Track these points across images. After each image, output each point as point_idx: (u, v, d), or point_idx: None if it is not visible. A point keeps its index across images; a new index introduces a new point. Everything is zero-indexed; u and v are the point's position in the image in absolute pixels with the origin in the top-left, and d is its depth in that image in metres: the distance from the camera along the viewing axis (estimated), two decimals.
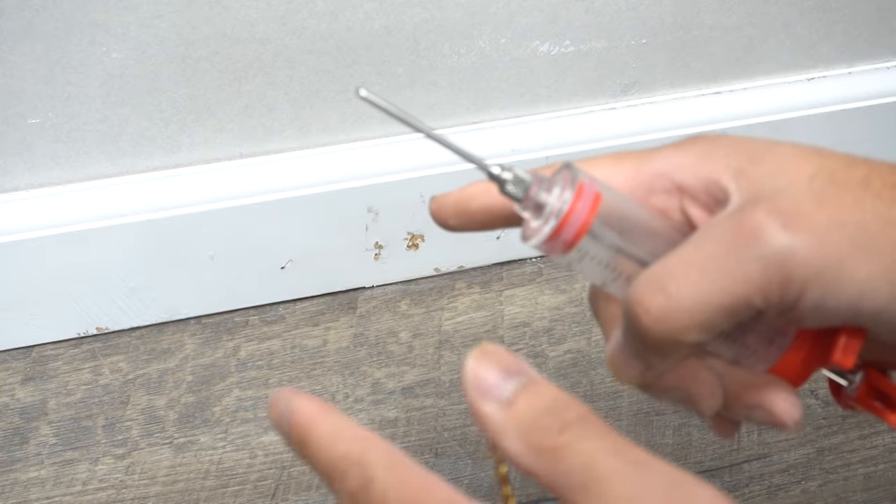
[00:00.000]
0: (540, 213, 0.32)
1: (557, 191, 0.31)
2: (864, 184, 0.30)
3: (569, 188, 0.31)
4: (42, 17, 0.52)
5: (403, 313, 0.65)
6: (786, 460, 0.55)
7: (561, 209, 0.31)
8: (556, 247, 0.31)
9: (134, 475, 0.56)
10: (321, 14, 0.55)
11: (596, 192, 0.31)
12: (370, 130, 0.61)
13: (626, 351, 0.31)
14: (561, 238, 0.31)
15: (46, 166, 0.58)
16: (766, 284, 0.29)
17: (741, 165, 0.31)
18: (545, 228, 0.31)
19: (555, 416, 0.26)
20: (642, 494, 0.24)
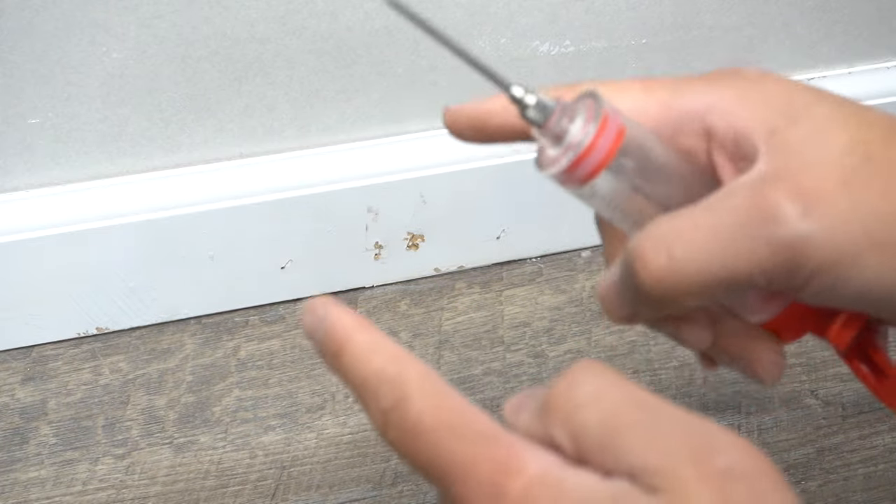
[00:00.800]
0: (559, 142, 0.30)
1: (580, 121, 0.30)
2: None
3: (592, 120, 0.30)
4: (42, 16, 0.52)
5: (403, 313, 0.65)
6: (785, 460, 0.55)
7: (582, 142, 0.30)
8: (571, 179, 0.30)
9: (134, 475, 0.56)
10: (321, 14, 0.55)
11: (619, 127, 0.30)
12: (370, 130, 0.61)
13: (619, 293, 0.31)
14: (578, 172, 0.30)
15: (46, 166, 0.58)
16: (773, 267, 0.28)
17: (775, 123, 0.29)
18: (563, 160, 0.30)
19: None
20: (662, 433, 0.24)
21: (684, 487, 0.23)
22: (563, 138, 0.30)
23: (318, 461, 0.56)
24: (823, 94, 0.30)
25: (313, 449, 0.57)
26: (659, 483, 0.23)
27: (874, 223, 0.28)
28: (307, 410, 0.59)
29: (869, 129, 0.29)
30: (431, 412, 0.25)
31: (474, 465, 0.24)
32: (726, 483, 0.23)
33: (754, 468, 0.24)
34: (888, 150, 0.29)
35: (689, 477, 0.23)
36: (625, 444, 0.24)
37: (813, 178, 0.28)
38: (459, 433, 0.25)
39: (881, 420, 0.57)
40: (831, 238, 0.27)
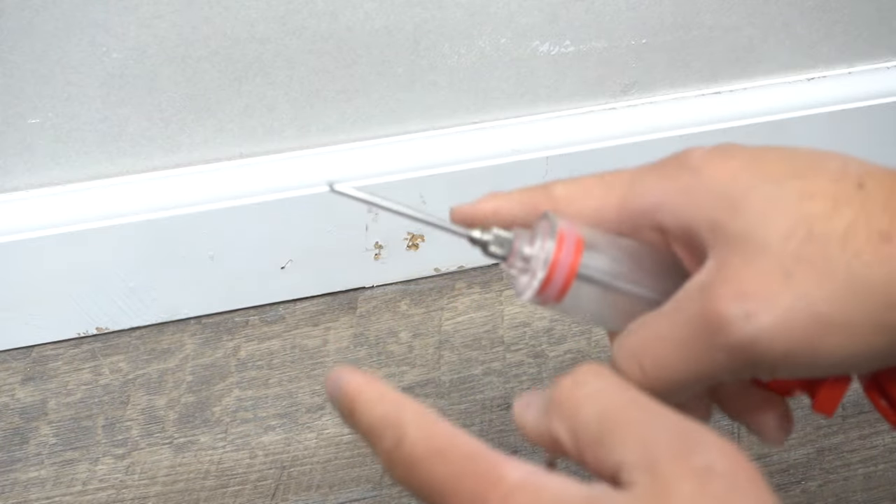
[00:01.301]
0: (527, 268, 0.32)
1: (539, 242, 0.32)
2: (846, 237, 0.28)
3: (549, 238, 0.32)
4: (42, 17, 0.52)
5: (403, 313, 0.65)
6: (786, 460, 0.55)
7: (546, 259, 0.31)
8: (549, 297, 0.32)
9: (134, 475, 0.56)
10: (321, 14, 0.55)
11: (577, 239, 0.32)
12: (370, 130, 0.61)
13: None
14: (551, 289, 0.32)
15: (46, 166, 0.58)
16: (735, 368, 0.29)
17: (717, 217, 0.30)
18: (534, 282, 0.32)
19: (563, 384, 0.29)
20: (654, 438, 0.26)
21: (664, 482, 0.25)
22: (529, 262, 0.32)
23: (318, 461, 0.56)
24: (767, 169, 0.30)
25: (313, 449, 0.57)
26: (637, 478, 0.25)
27: (822, 307, 0.28)
28: (307, 410, 0.59)
29: (811, 202, 0.29)
30: (423, 442, 0.28)
31: (460, 481, 0.27)
32: (705, 479, 0.25)
33: (734, 467, 0.25)
34: (831, 222, 0.29)
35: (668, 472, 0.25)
36: (616, 439, 0.26)
37: (754, 275, 0.28)
38: (447, 456, 0.27)
39: (881, 420, 0.57)
40: (780, 334, 0.28)
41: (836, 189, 0.29)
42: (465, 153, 0.62)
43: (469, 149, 0.62)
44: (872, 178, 0.29)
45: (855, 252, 0.28)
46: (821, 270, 0.28)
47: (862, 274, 0.28)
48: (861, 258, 0.28)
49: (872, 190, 0.29)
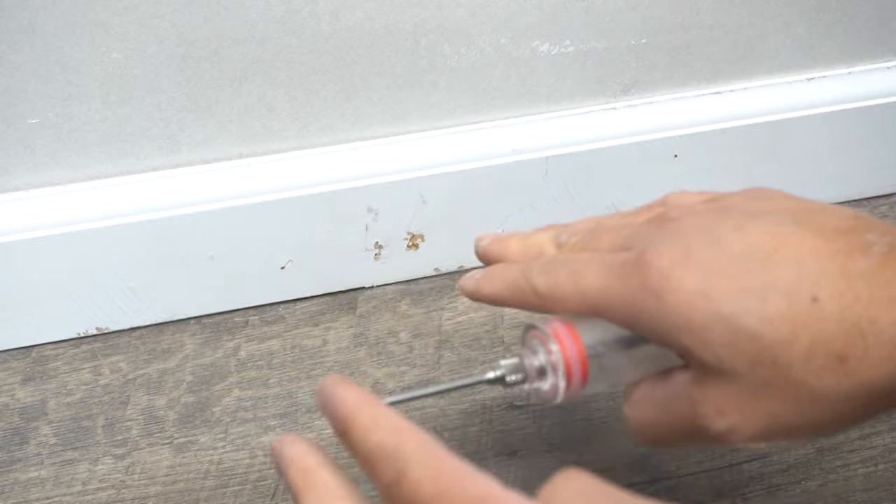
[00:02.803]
0: (544, 377, 0.36)
1: (542, 350, 0.36)
2: (807, 361, 0.31)
3: (549, 341, 0.35)
4: (42, 16, 0.52)
5: (403, 313, 0.65)
6: (785, 460, 0.55)
7: (558, 360, 0.35)
8: (576, 388, 0.35)
9: (134, 475, 0.56)
10: (321, 14, 0.55)
11: (569, 328, 0.35)
12: (370, 130, 0.61)
13: None
14: (575, 379, 0.35)
15: (46, 166, 0.58)
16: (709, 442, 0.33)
17: (689, 346, 0.33)
18: (560, 383, 0.35)
19: None
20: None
21: None
22: (545, 372, 0.36)
23: None
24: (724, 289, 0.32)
25: None
26: None
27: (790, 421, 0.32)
28: (307, 410, 0.59)
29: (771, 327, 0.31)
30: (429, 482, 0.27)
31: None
32: None
33: None
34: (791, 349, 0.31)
35: None
36: None
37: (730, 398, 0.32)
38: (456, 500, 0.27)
39: (881, 420, 0.57)
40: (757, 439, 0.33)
41: (792, 312, 0.31)
42: (465, 153, 0.62)
43: (469, 149, 0.62)
44: (824, 290, 0.31)
45: (816, 375, 0.31)
46: (787, 394, 0.32)
47: (823, 393, 0.31)
48: (822, 381, 0.31)
49: (826, 304, 0.31)
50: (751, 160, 0.66)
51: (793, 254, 0.32)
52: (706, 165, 0.65)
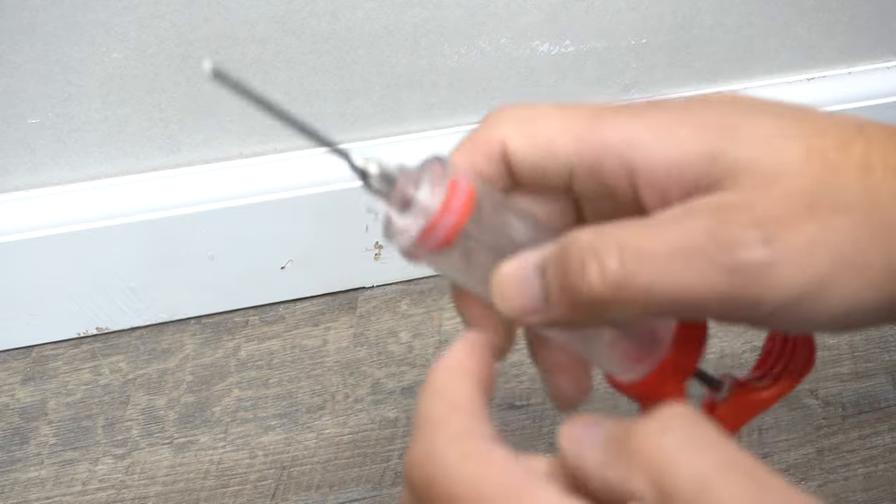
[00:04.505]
0: (407, 210, 0.28)
1: (427, 188, 0.28)
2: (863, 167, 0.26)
3: (439, 185, 0.28)
4: (42, 16, 0.52)
5: (403, 313, 0.65)
6: (786, 460, 0.55)
7: (430, 208, 0.28)
8: (423, 248, 0.29)
9: (134, 475, 0.56)
10: (321, 14, 0.55)
11: (470, 190, 0.28)
12: (370, 130, 0.61)
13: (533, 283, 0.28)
14: (431, 239, 0.28)
15: (46, 166, 0.58)
16: (730, 299, 0.26)
17: (716, 146, 0.26)
18: (412, 228, 0.28)
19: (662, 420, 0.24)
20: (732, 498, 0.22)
21: None
22: (410, 205, 0.28)
23: (318, 461, 0.56)
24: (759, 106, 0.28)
25: (313, 449, 0.57)
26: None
27: (844, 244, 0.25)
28: (307, 410, 0.59)
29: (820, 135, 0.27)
30: None
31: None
32: None
33: None
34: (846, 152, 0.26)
35: None
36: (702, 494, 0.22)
37: (774, 202, 0.25)
38: None
39: (881, 420, 0.57)
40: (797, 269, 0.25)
41: (839, 129, 0.27)
42: None
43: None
44: (868, 124, 0.27)
45: (874, 185, 0.26)
46: (843, 202, 0.25)
47: (882, 210, 0.25)
48: (880, 193, 0.25)
49: (872, 133, 0.27)
50: None
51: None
52: None
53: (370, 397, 0.60)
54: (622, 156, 0.28)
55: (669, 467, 0.23)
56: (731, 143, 0.26)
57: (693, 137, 0.27)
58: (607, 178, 0.28)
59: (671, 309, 0.26)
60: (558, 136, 0.28)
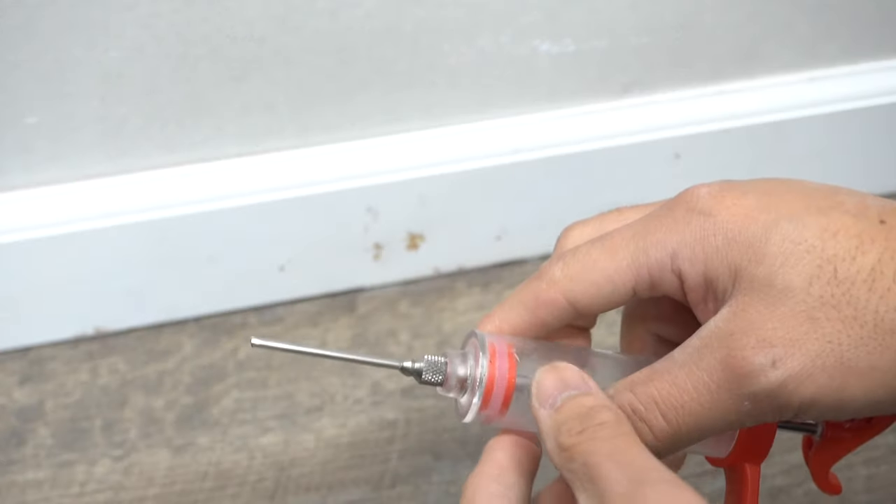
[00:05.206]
0: (464, 389, 0.32)
1: (472, 361, 0.32)
2: (872, 279, 0.28)
3: (482, 354, 0.32)
4: (40, 15, 0.52)
5: (403, 314, 0.64)
6: (787, 461, 0.55)
7: (482, 376, 0.31)
8: (493, 412, 0.32)
9: (132, 477, 0.56)
10: (320, 13, 0.55)
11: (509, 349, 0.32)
12: (370, 130, 0.61)
13: None
14: (493, 403, 0.31)
15: (44, 166, 0.58)
16: (759, 414, 0.29)
17: (739, 263, 0.30)
18: (475, 400, 0.31)
19: (580, 420, 0.28)
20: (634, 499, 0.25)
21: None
22: (465, 383, 0.32)
23: (317, 462, 0.56)
24: (783, 205, 0.30)
25: (312, 450, 0.57)
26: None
27: (848, 352, 0.28)
28: (306, 412, 0.59)
29: (835, 240, 0.29)
30: None
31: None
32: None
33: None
34: (855, 263, 0.28)
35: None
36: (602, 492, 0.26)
37: (779, 321, 0.28)
38: None
39: None
40: (807, 379, 0.28)
41: (859, 226, 0.29)
42: (465, 153, 0.61)
43: (469, 148, 0.62)
44: (893, 215, 0.29)
45: (881, 294, 0.28)
46: (846, 315, 0.28)
47: (888, 318, 0.28)
48: (887, 301, 0.28)
49: (894, 227, 0.29)
50: (752, 159, 0.66)
51: (850, 189, 0.30)
52: (708, 165, 0.65)
53: (370, 398, 0.59)
54: (673, 269, 0.31)
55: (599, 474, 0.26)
56: (751, 260, 0.29)
57: (721, 252, 0.30)
58: (662, 287, 0.32)
59: (716, 432, 0.30)
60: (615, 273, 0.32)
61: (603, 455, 0.27)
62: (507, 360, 0.32)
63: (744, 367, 0.28)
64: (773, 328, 0.28)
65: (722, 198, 0.31)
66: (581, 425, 0.27)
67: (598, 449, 0.27)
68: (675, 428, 0.29)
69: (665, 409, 0.29)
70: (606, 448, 0.27)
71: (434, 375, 0.32)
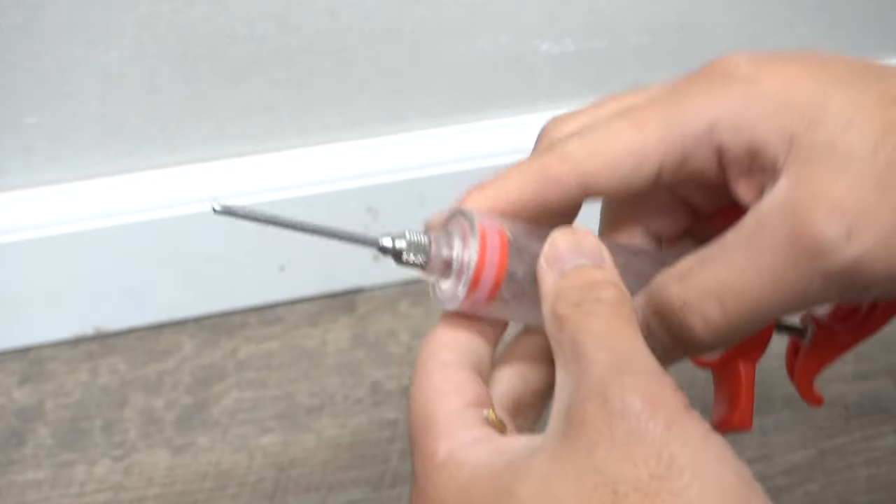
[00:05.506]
0: (448, 273, 0.29)
1: (459, 243, 0.29)
2: None
3: (471, 236, 0.28)
4: (40, 15, 0.52)
5: (403, 314, 0.64)
6: (788, 462, 0.55)
7: (470, 261, 0.28)
8: (478, 301, 0.29)
9: (132, 477, 0.56)
10: (320, 12, 0.55)
11: (501, 232, 0.28)
12: (370, 130, 0.61)
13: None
14: (480, 290, 0.28)
15: (44, 165, 0.58)
16: (827, 295, 0.27)
17: (794, 128, 0.27)
18: (460, 288, 0.28)
19: (581, 292, 0.26)
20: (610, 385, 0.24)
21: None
22: (450, 266, 0.29)
23: (317, 463, 0.56)
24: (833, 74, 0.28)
25: (312, 450, 0.57)
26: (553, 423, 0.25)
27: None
28: (306, 412, 0.59)
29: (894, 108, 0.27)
30: None
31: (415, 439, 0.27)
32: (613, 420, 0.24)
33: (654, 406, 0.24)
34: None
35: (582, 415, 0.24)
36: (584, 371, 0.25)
37: (848, 189, 0.26)
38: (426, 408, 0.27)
39: (884, 422, 0.57)
40: (883, 254, 0.26)
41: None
42: (465, 153, 0.61)
43: (469, 148, 0.62)
44: None
45: None
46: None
47: None
48: None
49: None
50: None
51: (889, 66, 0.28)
52: None
53: (370, 398, 0.59)
54: (710, 140, 0.28)
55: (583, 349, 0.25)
56: (808, 126, 0.27)
57: (771, 119, 0.27)
58: (694, 164, 0.28)
59: (775, 318, 0.28)
60: (641, 147, 0.28)
61: (592, 333, 0.25)
62: (499, 242, 0.28)
63: (816, 242, 0.26)
64: (844, 196, 0.26)
65: (765, 64, 0.28)
66: (580, 297, 0.26)
67: (589, 326, 0.25)
68: (732, 317, 0.27)
69: (723, 297, 0.27)
70: (597, 327, 0.25)
71: (416, 255, 0.29)
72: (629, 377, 0.24)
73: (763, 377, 0.61)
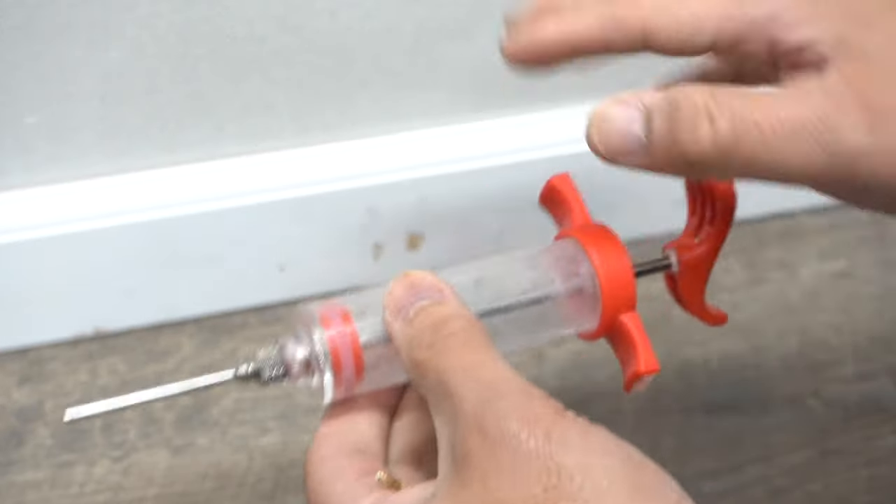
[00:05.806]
0: (312, 369, 0.30)
1: (306, 338, 0.29)
2: None
3: (314, 325, 0.29)
4: (39, 15, 0.52)
5: None
6: (788, 462, 0.55)
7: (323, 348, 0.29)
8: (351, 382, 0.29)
9: (131, 477, 0.56)
10: (320, 12, 0.55)
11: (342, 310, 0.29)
12: (370, 130, 0.61)
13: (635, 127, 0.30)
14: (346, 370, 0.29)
15: (43, 166, 0.58)
16: (826, 175, 0.28)
17: (845, 30, 0.29)
18: (326, 376, 0.29)
19: (431, 331, 0.27)
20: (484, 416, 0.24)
21: None
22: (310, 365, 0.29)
23: None
24: None
25: None
26: None
27: None
28: (306, 412, 0.59)
29: None
30: None
31: None
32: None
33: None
34: None
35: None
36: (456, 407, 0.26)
37: (882, 90, 0.27)
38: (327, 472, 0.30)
39: (885, 422, 0.57)
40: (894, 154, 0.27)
41: None
42: (465, 153, 0.61)
43: (469, 149, 0.62)
44: None
45: None
46: None
47: None
48: None
49: None
50: None
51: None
52: None
53: None
54: (766, 31, 0.30)
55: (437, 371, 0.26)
56: (864, 31, 0.28)
57: (829, 18, 0.29)
58: (747, 49, 0.30)
59: (764, 177, 0.28)
60: (704, 16, 0.30)
61: (454, 370, 0.26)
62: (341, 320, 0.29)
63: (838, 121, 0.27)
64: (874, 97, 0.27)
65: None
66: (431, 338, 0.27)
67: (449, 363, 0.26)
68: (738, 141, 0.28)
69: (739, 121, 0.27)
70: (456, 362, 0.26)
71: (274, 369, 0.30)
72: (500, 402, 0.25)
73: (763, 377, 0.61)
